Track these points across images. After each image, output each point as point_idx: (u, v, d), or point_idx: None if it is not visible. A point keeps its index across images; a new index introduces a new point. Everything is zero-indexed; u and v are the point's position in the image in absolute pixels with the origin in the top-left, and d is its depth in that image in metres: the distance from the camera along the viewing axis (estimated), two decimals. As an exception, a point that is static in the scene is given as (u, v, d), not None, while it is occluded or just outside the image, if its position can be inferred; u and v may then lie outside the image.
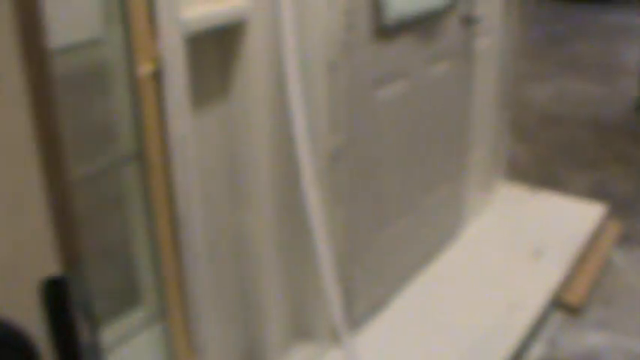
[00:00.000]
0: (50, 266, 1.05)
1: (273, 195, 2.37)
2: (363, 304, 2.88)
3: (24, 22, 0.96)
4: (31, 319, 1.04)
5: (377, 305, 3.01)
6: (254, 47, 2.14)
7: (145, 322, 2.17)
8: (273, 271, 2.47)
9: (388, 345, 2.81)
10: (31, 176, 1.01)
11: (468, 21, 3.11)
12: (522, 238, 3.59)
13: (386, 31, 2.60)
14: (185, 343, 2.14)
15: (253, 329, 2.55)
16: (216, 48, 2.15)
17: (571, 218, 3.81)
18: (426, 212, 3.21)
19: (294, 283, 2.64)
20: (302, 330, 2.78)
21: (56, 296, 1.03)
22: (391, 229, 2.96)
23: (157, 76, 1.82)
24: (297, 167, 2.38)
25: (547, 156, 4.99)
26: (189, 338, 2.16)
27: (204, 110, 2.14)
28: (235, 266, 2.43)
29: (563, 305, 3.23)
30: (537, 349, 2.98)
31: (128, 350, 2.17)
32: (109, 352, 2.05)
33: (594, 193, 4.34)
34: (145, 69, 1.79)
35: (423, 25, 2.82)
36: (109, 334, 2.08)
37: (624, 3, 9.38)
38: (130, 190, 2.04)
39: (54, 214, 1.04)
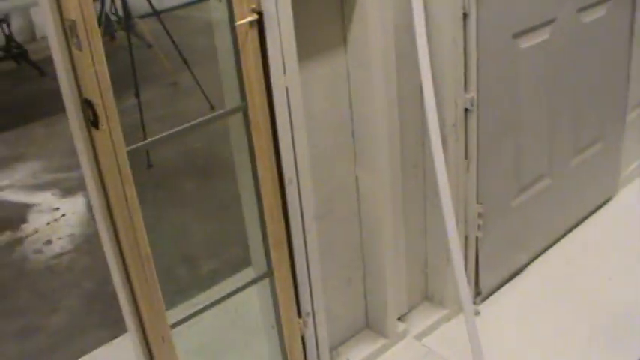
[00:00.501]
0: None
1: (394, 152, 2.23)
2: (493, 271, 2.71)
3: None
4: None
5: (509, 273, 2.83)
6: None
7: (255, 284, 2.10)
8: (394, 233, 2.34)
9: (516, 316, 2.64)
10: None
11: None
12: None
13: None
14: (291, 306, 2.06)
15: (371, 293, 2.45)
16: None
17: None
18: (575, 174, 2.96)
19: (416, 245, 2.51)
20: (424, 295, 2.66)
21: None
22: (531, 191, 2.74)
23: (258, 25, 1.71)
24: (424, 122, 2.24)
25: None
26: (295, 302, 2.08)
27: (316, 61, 2.01)
28: (351, 227, 2.32)
29: None
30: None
31: (240, 304, 2.13)
32: (220, 300, 1.99)
33: None
34: (242, 17, 1.68)
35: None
36: (223, 290, 2.03)
37: None
38: (237, 146, 1.95)
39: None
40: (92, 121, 1.53)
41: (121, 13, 5.26)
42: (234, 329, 2.45)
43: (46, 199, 4.41)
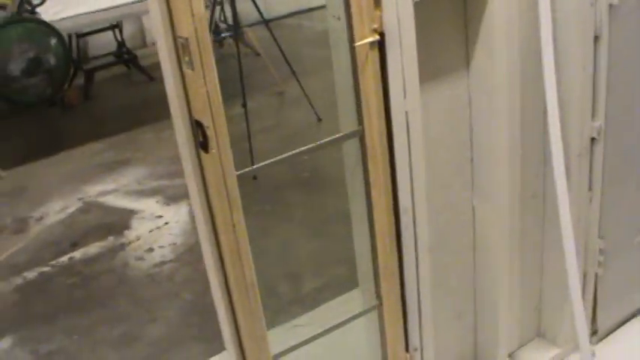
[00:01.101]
0: None
1: (514, 181, 2.10)
2: (611, 311, 2.54)
3: None
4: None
5: (629, 313, 2.64)
6: (499, 11, 1.85)
7: (361, 309, 2.00)
8: (508, 267, 2.20)
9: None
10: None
11: None
12: None
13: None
14: (399, 340, 1.96)
15: (481, 328, 2.32)
16: (452, 13, 1.89)
17: None
18: None
19: (530, 279, 2.37)
20: (535, 331, 2.51)
21: None
22: (659, 225, 2.57)
23: (380, 47, 1.61)
24: (547, 152, 2.11)
25: None
26: (404, 334, 1.97)
27: (437, 84, 1.90)
28: (465, 258, 2.20)
29: None
30: None
31: (345, 334, 2.03)
32: (326, 332, 1.91)
33: None
34: (363, 37, 1.59)
35: None
36: (327, 313, 1.95)
37: None
38: (351, 170, 1.86)
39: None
40: (201, 143, 1.46)
41: (230, 21, 5.27)
42: (335, 357, 2.36)
43: (149, 205, 4.43)
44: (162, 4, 1.40)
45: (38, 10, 5.57)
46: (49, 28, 5.04)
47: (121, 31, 6.93)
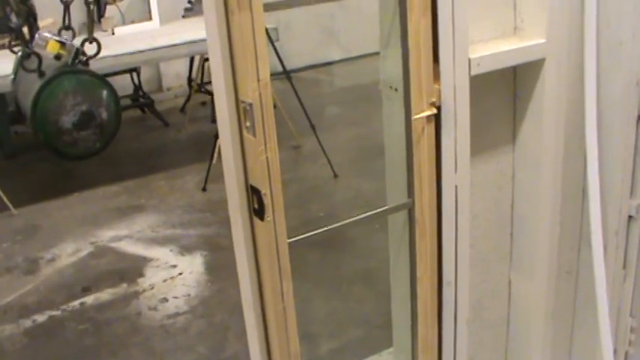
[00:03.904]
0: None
1: (552, 258, 2.08)
2: (642, 391, 2.50)
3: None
4: None
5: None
6: (549, 88, 1.85)
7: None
8: (542, 342, 2.17)
9: None
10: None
11: None
12: None
13: None
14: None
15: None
16: (502, 88, 1.89)
17: None
18: None
19: (560, 356, 2.33)
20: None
21: None
22: (688, 307, 2.54)
23: (436, 120, 1.61)
24: (584, 229, 2.09)
25: None
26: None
27: (484, 158, 1.89)
28: (498, 332, 2.16)
29: None
30: None
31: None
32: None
33: None
34: (421, 110, 1.58)
35: None
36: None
37: None
38: (397, 241, 1.84)
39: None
40: (256, 211, 1.44)
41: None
42: None
43: (163, 254, 4.39)
44: (227, 67, 1.39)
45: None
46: (101, 80, 5.07)
47: (138, 75, 6.96)
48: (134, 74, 6.96)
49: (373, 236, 3.95)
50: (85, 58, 4.92)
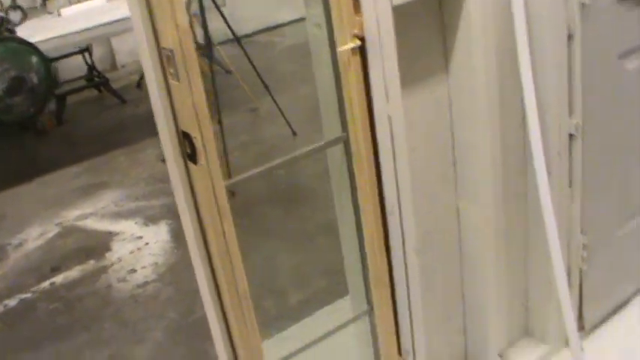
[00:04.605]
0: None
1: (497, 181, 2.12)
2: (597, 305, 2.56)
3: None
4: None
5: (614, 306, 2.67)
6: (475, 13, 1.87)
7: (352, 315, 2.01)
8: (495, 266, 2.22)
9: (623, 352, 2.48)
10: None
11: None
12: None
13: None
14: (392, 344, 1.97)
15: (471, 330, 2.33)
16: (430, 18, 1.91)
17: None
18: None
19: (516, 279, 2.39)
20: (524, 330, 2.53)
21: None
22: (637, 221, 2.59)
23: (361, 52, 1.63)
24: (528, 151, 2.13)
25: None
26: (397, 338, 1.98)
27: (417, 88, 1.92)
28: (451, 261, 2.21)
29: None
30: None
31: (335, 341, 2.04)
32: (316, 342, 1.91)
33: None
34: (344, 43, 1.60)
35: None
36: (317, 323, 1.95)
37: None
38: (336, 176, 1.87)
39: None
40: (190, 155, 1.46)
41: (201, 39, 5.29)
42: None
43: (129, 227, 4.41)
44: (145, 17, 1.40)
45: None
46: (30, 46, 5.05)
47: (90, 55, 6.91)
48: (86, 54, 6.90)
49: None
50: (9, 27, 4.90)
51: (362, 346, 2.06)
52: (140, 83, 7.24)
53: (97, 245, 4.26)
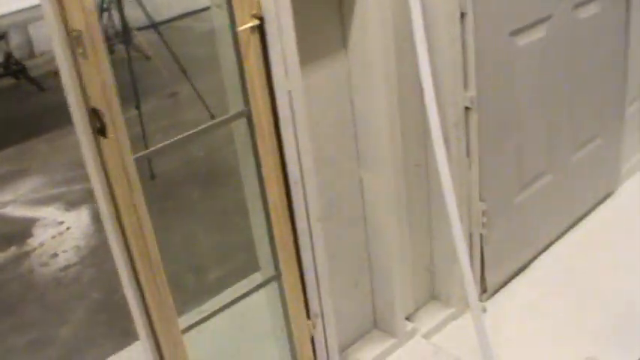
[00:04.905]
0: None
1: (396, 152, 2.25)
2: (498, 268, 2.73)
3: None
4: None
5: (514, 269, 2.85)
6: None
7: (263, 287, 2.12)
8: (399, 233, 2.36)
9: (522, 312, 2.65)
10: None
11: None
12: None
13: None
14: (300, 308, 2.08)
15: (378, 294, 2.47)
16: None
17: None
18: (576, 169, 2.98)
19: (421, 244, 2.54)
20: (430, 294, 2.68)
21: None
22: (533, 188, 2.76)
23: (259, 30, 1.73)
24: (425, 123, 2.26)
25: None
26: (304, 303, 2.10)
27: (318, 64, 2.03)
28: (357, 228, 2.34)
29: None
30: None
31: (248, 308, 2.14)
32: (227, 306, 2.01)
33: None
34: (244, 23, 1.71)
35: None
36: (232, 294, 2.05)
37: None
38: (242, 150, 1.97)
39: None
40: (99, 130, 1.55)
41: (118, 26, 5.33)
42: (243, 334, 2.46)
43: (50, 212, 4.43)
44: (53, 2, 1.48)
45: None
46: None
47: (7, 42, 6.84)
48: (2, 42, 6.84)
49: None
50: None
51: (273, 312, 2.17)
52: (58, 71, 7.18)
53: (18, 232, 4.27)
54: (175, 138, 1.72)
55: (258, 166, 1.88)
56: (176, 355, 1.82)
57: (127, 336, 3.01)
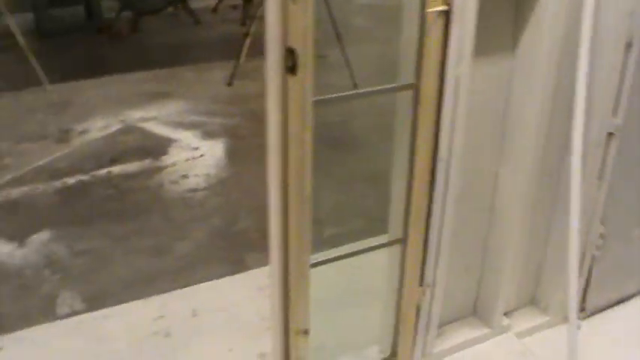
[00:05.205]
0: None
1: (537, 158, 2.37)
2: (601, 292, 2.80)
3: None
4: None
5: (616, 299, 2.92)
6: (549, 6, 2.12)
7: (388, 246, 2.28)
8: (519, 233, 2.48)
9: (617, 342, 2.72)
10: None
11: None
12: None
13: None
14: (416, 274, 2.24)
15: (485, 284, 2.59)
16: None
17: None
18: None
19: (535, 249, 2.65)
20: (530, 298, 2.79)
21: None
22: (655, 224, 2.83)
23: (445, 15, 1.88)
24: (568, 138, 2.37)
25: None
26: (421, 271, 2.25)
27: (486, 59, 2.17)
28: (481, 218, 2.47)
29: None
30: None
31: (371, 262, 2.31)
32: (355, 254, 2.18)
33: None
34: (434, 5, 1.86)
35: None
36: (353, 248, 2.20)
37: None
38: (400, 119, 2.13)
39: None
40: (290, 68, 1.74)
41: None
42: (355, 288, 2.63)
43: (187, 137, 4.71)
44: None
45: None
46: None
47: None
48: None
49: (381, 144, 4.26)
50: None
51: (389, 275, 2.33)
52: (217, 8, 7.48)
53: (156, 147, 4.56)
54: (347, 93, 1.89)
55: (413, 136, 2.04)
56: (300, 285, 2.01)
57: (240, 265, 3.24)
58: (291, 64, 1.72)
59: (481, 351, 2.60)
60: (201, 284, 3.08)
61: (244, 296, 2.94)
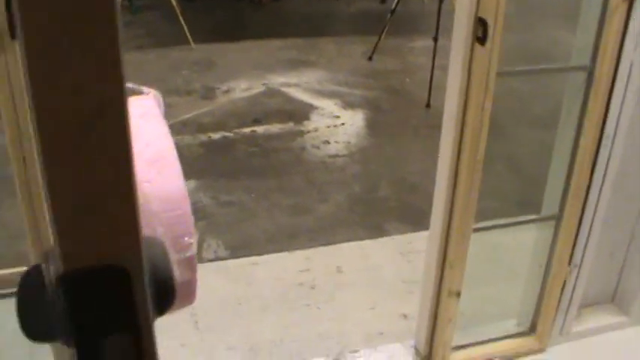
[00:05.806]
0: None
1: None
2: None
3: None
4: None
5: None
6: None
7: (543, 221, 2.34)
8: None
9: None
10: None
11: None
12: None
13: None
14: (566, 252, 2.30)
15: (627, 273, 2.62)
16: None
17: None
18: None
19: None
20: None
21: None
22: None
23: (629, 1, 1.93)
24: None
25: None
26: (571, 251, 2.31)
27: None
28: (633, 204, 2.49)
29: None
30: None
31: (524, 235, 2.38)
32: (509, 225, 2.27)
33: None
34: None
35: None
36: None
37: None
38: (570, 98, 2.19)
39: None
40: (479, 38, 1.82)
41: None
42: (502, 260, 2.70)
43: (328, 105, 4.84)
44: None
45: None
46: None
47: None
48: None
49: (519, 128, 4.30)
50: None
51: (538, 251, 2.40)
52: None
53: (297, 112, 4.72)
54: (527, 67, 1.97)
55: (581, 115, 2.10)
56: (461, 248, 2.11)
57: (379, 230, 3.35)
58: (481, 34, 1.81)
59: (618, 338, 2.63)
60: (344, 244, 3.20)
61: (387, 259, 3.06)
